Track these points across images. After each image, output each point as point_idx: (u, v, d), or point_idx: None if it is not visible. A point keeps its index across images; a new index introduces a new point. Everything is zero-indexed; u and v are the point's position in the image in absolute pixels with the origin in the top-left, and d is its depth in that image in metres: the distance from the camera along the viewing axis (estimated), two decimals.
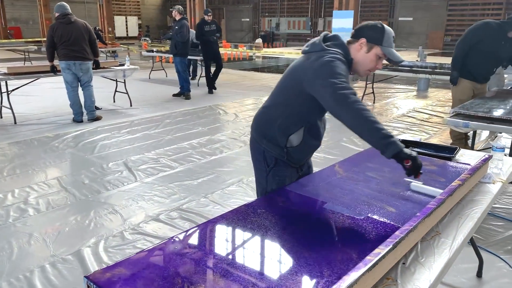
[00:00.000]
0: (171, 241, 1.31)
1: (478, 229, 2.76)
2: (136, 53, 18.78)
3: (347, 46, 1.83)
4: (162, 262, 1.19)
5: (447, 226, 1.52)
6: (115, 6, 27.27)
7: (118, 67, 6.88)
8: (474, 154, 2.33)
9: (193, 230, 1.40)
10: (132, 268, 1.15)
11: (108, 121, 5.99)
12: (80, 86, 5.78)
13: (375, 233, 1.37)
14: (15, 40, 21.24)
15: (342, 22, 14.33)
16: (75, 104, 5.78)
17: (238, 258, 1.23)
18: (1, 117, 6.07)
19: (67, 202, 3.31)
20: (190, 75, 9.53)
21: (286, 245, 1.30)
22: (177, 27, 7.54)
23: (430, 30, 22.10)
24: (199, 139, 5.11)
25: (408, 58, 11.21)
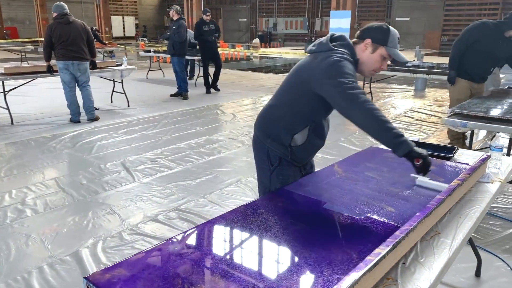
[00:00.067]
0: (171, 241, 1.31)
1: (477, 228, 2.76)
2: (133, 53, 18.73)
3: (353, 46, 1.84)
4: (162, 263, 1.18)
5: (447, 225, 1.52)
6: (112, 6, 27.22)
7: (116, 67, 6.87)
8: (472, 153, 2.34)
9: (193, 230, 1.40)
10: (132, 269, 1.14)
11: (105, 121, 5.97)
12: (77, 87, 5.77)
13: (375, 233, 1.37)
14: (12, 40, 21.15)
15: (339, 22, 14.38)
16: (72, 104, 5.76)
17: (238, 259, 1.23)
18: None
19: (65, 203, 3.30)
20: (188, 75, 9.51)
21: (286, 245, 1.30)
22: (174, 27, 7.53)
23: (427, 30, 22.17)
24: (197, 139, 5.10)
25: None
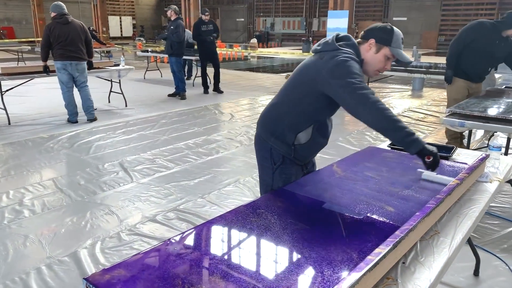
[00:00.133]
0: (171, 242, 1.30)
1: (475, 228, 2.77)
2: (130, 53, 18.70)
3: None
4: (162, 264, 1.18)
5: (446, 225, 1.52)
6: (109, 6, 27.14)
7: (113, 67, 6.85)
8: (470, 153, 2.35)
9: (192, 231, 1.39)
10: (131, 269, 1.14)
11: (103, 121, 5.96)
12: (76, 87, 5.75)
13: (375, 232, 1.37)
14: (8, 40, 21.11)
15: (337, 22, 14.39)
16: (70, 104, 5.75)
17: (238, 259, 1.23)
18: None
19: (63, 203, 3.29)
20: (186, 75, 9.49)
21: (286, 245, 1.30)
22: (172, 27, 7.51)
23: (424, 30, 22.20)
24: (195, 139, 5.09)
25: None
